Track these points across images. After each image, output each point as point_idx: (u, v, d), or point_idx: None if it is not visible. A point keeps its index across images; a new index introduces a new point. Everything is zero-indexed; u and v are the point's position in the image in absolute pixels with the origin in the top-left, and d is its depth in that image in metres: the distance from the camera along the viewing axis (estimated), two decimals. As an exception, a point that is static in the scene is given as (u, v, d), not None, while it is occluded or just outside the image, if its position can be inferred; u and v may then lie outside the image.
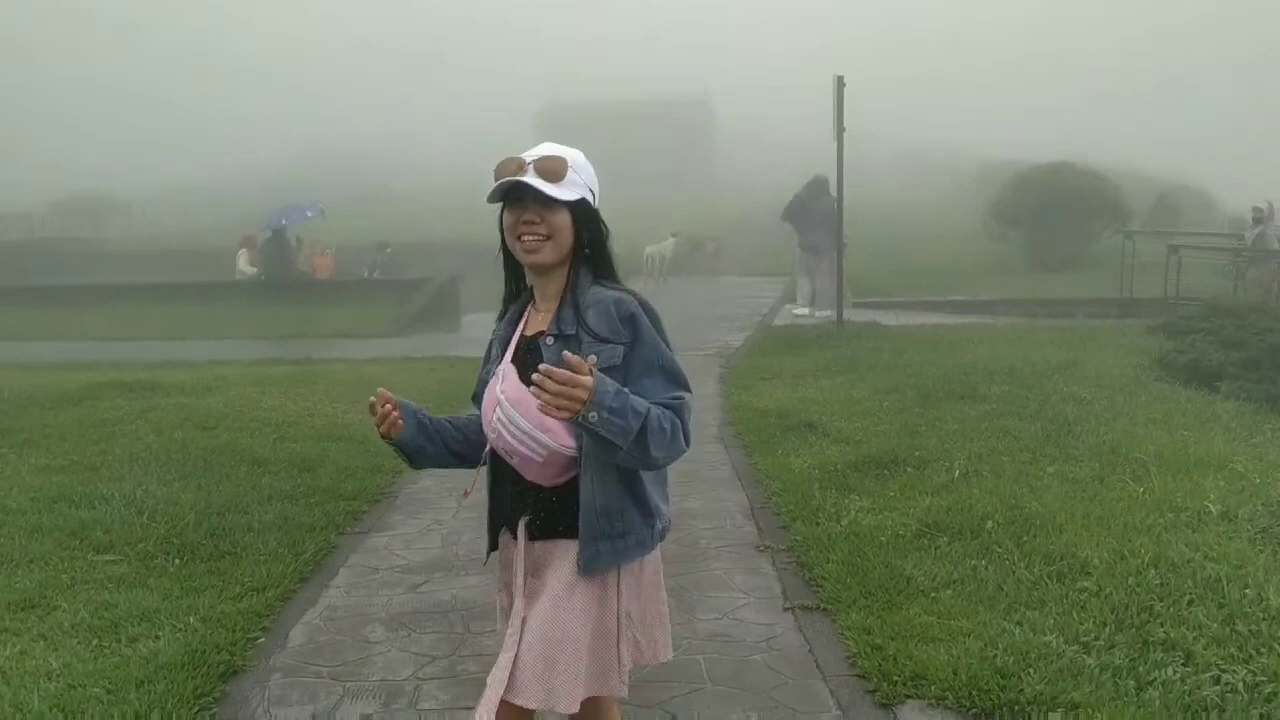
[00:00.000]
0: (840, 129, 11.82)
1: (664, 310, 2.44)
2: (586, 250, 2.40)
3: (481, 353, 2.58)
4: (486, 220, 2.50)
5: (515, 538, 2.44)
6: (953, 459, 6.49)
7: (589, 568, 2.33)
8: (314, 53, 69.23)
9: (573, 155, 2.37)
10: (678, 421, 2.25)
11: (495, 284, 2.60)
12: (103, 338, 15.53)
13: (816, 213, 14.51)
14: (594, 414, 2.09)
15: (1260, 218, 15.59)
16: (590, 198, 2.38)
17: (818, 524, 5.54)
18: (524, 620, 2.36)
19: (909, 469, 6.38)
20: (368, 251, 22.49)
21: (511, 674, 2.30)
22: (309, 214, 20.24)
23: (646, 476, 2.39)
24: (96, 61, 66.56)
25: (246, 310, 17.38)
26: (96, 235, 35.87)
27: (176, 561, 4.98)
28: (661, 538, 2.46)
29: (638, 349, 2.31)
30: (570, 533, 2.36)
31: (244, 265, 19.80)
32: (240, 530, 5.45)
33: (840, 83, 11.79)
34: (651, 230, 21.80)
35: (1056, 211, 18.28)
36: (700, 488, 6.38)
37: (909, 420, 7.76)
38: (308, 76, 66.39)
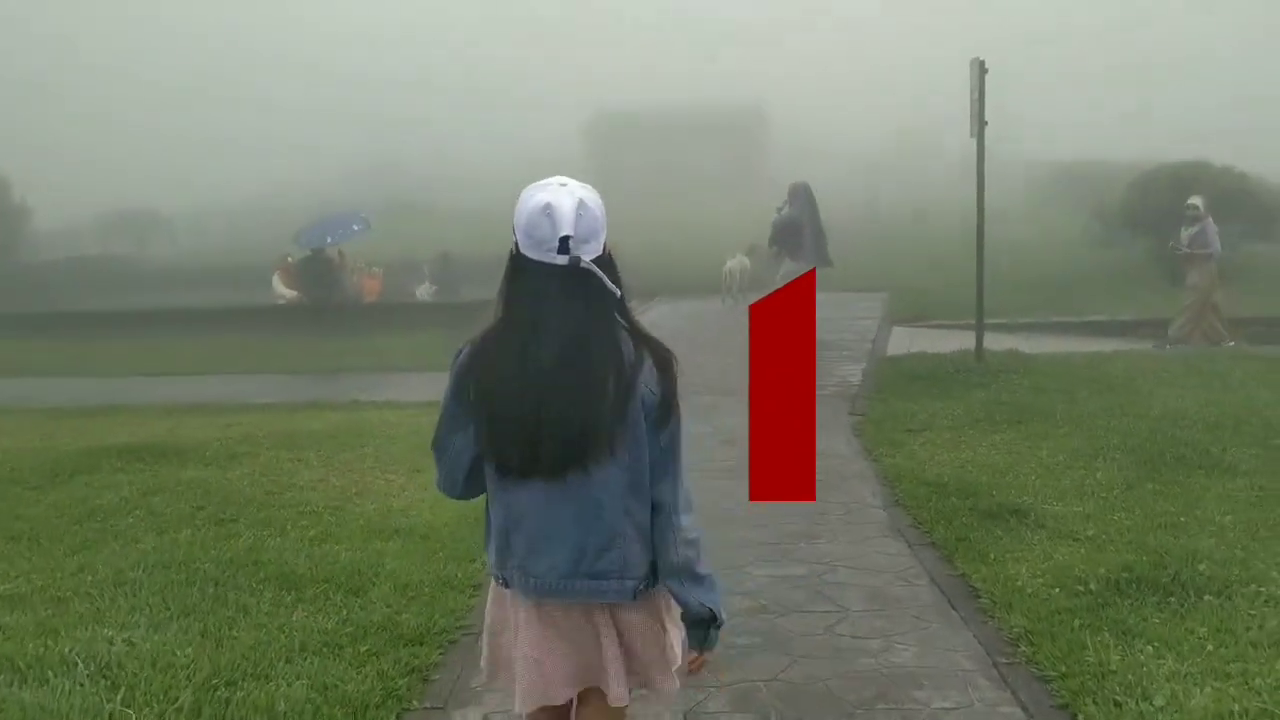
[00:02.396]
0: (981, 122, 9.87)
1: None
2: None
3: None
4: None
5: None
6: (1266, 578, 4.58)
7: None
8: (359, 51, 67.35)
9: None
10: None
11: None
12: (129, 373, 13.95)
13: (812, 227, 12.80)
14: None
15: None
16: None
17: (1117, 705, 3.66)
18: None
19: (1207, 595, 4.48)
20: (416, 271, 20.77)
21: None
22: (355, 227, 18.59)
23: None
24: (138, 66, 65.37)
25: (287, 339, 15.74)
26: (140, 253, 34.68)
27: (155, 796, 3.21)
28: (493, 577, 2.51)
29: None
30: None
31: (281, 289, 18.25)
32: (258, 717, 3.67)
33: (980, 68, 9.86)
34: (708, 244, 19.97)
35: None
36: (904, 623, 4.49)
37: (1147, 503, 5.84)
38: (353, 88, 64.93)
